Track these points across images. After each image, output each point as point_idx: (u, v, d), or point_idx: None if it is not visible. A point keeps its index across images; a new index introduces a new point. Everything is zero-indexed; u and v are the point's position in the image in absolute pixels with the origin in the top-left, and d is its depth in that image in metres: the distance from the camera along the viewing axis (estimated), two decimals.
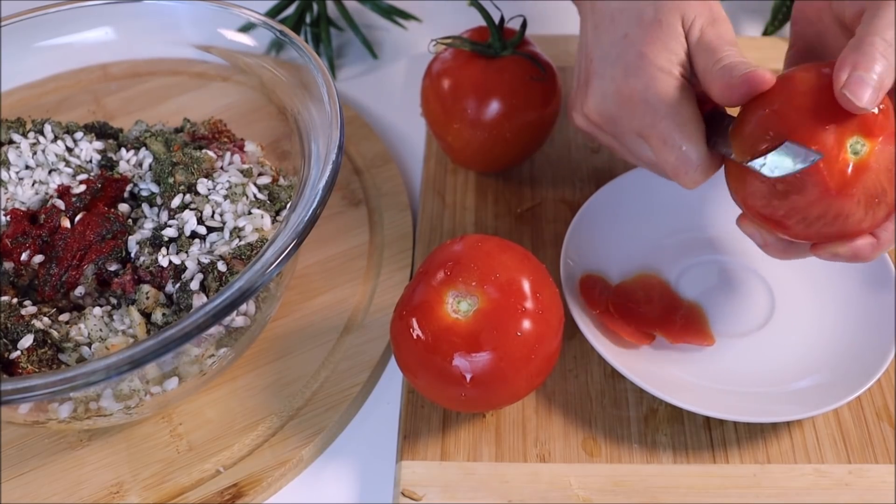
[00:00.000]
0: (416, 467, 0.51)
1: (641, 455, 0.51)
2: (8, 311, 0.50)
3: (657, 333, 0.54)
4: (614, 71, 0.51)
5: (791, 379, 0.53)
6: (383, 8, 0.79)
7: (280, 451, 0.52)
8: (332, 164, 0.49)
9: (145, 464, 0.52)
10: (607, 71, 0.52)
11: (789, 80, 0.46)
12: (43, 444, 0.53)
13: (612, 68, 0.52)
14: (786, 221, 0.46)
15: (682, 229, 0.61)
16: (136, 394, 0.49)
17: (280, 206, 0.55)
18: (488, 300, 0.47)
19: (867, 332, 0.54)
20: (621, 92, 0.51)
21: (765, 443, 0.52)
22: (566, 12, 0.81)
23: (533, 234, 0.63)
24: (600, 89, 0.52)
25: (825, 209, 0.45)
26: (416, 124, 0.71)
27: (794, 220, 0.46)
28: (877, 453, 0.51)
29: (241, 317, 0.51)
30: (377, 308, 0.59)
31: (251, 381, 0.56)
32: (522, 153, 0.64)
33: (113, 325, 0.50)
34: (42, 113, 0.62)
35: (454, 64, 0.61)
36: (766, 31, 0.78)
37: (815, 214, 0.45)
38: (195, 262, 0.51)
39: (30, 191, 0.56)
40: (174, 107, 0.66)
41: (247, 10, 0.58)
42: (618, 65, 0.51)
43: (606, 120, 0.53)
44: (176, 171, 0.55)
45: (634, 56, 0.50)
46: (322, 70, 0.54)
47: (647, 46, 0.50)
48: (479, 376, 0.47)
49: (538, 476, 0.51)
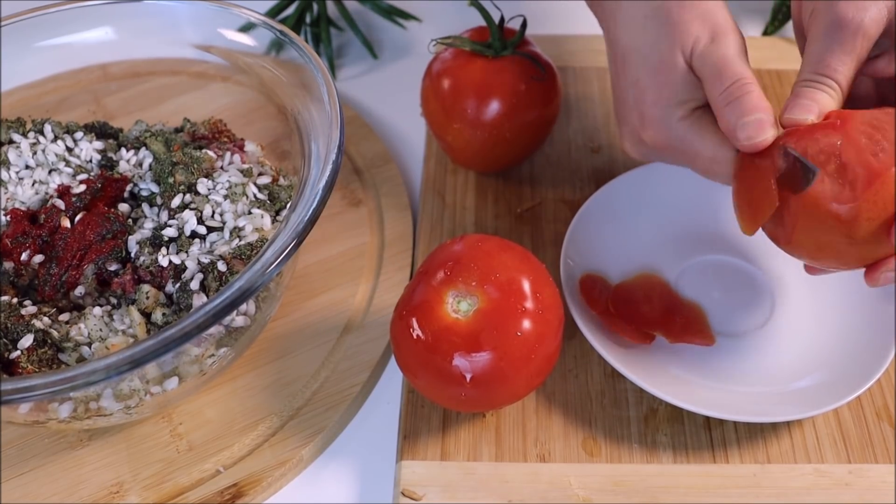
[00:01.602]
0: (416, 467, 0.51)
1: (641, 455, 0.51)
2: (8, 311, 0.50)
3: (657, 333, 0.54)
4: (632, 119, 0.52)
5: (791, 379, 0.53)
6: (383, 8, 0.79)
7: (280, 450, 0.52)
8: (332, 164, 0.49)
9: (145, 464, 0.52)
10: (629, 117, 0.53)
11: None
12: (43, 444, 0.53)
13: (630, 115, 0.53)
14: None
15: (682, 229, 0.60)
16: (136, 394, 0.49)
17: (280, 206, 0.55)
18: (488, 300, 0.47)
19: (867, 332, 0.54)
20: (646, 142, 0.52)
21: (765, 443, 0.52)
22: (566, 12, 0.81)
23: (533, 234, 0.63)
24: (629, 135, 0.54)
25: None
26: (416, 124, 0.71)
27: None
28: (877, 453, 0.51)
29: (241, 317, 0.51)
30: (377, 308, 0.59)
31: (251, 381, 0.56)
32: (522, 153, 0.64)
33: (113, 324, 0.50)
34: (42, 113, 0.62)
35: (454, 64, 0.61)
36: (766, 31, 0.78)
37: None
38: (195, 262, 0.51)
39: (30, 191, 0.56)
40: (174, 107, 0.66)
41: (247, 10, 0.58)
42: (633, 113, 0.52)
43: (649, 157, 0.54)
44: (176, 170, 0.55)
45: (647, 106, 0.51)
46: (322, 70, 0.54)
47: (656, 94, 0.51)
48: (479, 376, 0.47)
49: (538, 476, 0.51)
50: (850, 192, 0.45)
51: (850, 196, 0.45)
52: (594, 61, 0.75)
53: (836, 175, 0.45)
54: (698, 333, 0.55)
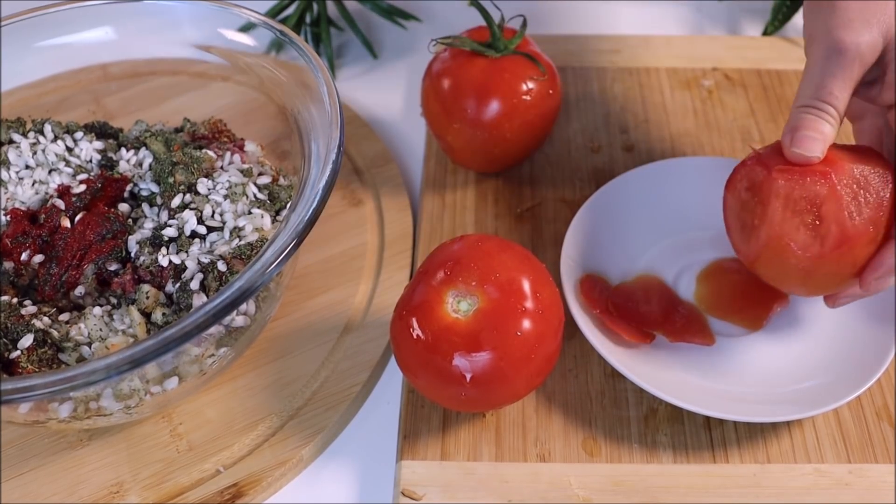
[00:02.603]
0: (416, 467, 0.51)
1: (641, 455, 0.51)
2: (8, 310, 0.50)
3: (657, 333, 0.54)
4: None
5: (791, 379, 0.53)
6: (383, 8, 0.79)
7: (280, 450, 0.52)
8: (332, 164, 0.49)
9: (145, 463, 0.52)
10: None
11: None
12: (43, 443, 0.53)
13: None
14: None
15: (682, 229, 0.60)
16: (136, 393, 0.49)
17: (280, 205, 0.55)
18: (488, 300, 0.47)
19: (867, 332, 0.54)
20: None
21: (765, 443, 0.52)
22: (566, 12, 0.81)
23: (533, 234, 0.63)
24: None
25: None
26: (416, 124, 0.71)
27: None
28: (877, 453, 0.51)
29: (241, 316, 0.51)
30: (377, 308, 0.59)
31: (251, 380, 0.56)
32: (522, 153, 0.64)
33: (113, 324, 0.50)
34: (42, 113, 0.62)
35: (454, 64, 0.61)
36: (766, 31, 0.78)
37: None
38: (195, 262, 0.51)
39: (30, 191, 0.56)
40: (174, 107, 0.65)
41: (247, 10, 0.58)
42: None
43: None
44: (176, 170, 0.55)
45: None
46: (322, 70, 0.54)
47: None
48: (479, 376, 0.47)
49: (538, 476, 0.51)
50: (818, 246, 0.47)
51: (817, 250, 0.48)
52: (594, 61, 0.75)
53: (810, 226, 0.47)
54: (698, 333, 0.55)
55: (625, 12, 0.82)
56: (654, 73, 0.74)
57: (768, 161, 0.49)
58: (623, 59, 0.75)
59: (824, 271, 0.48)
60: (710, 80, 0.73)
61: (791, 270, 0.49)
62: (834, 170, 0.48)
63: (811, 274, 0.48)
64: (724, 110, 0.71)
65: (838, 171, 0.48)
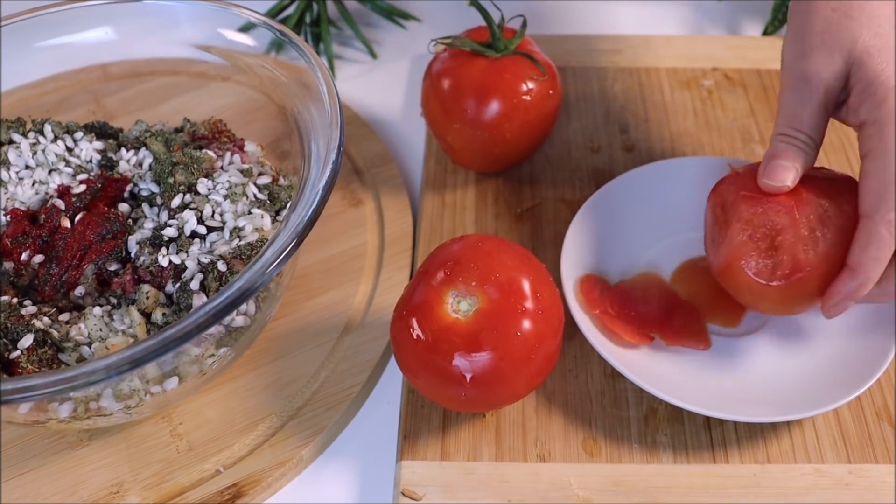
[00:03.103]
0: (416, 467, 0.51)
1: (641, 455, 0.51)
2: (8, 311, 0.50)
3: (655, 335, 0.54)
4: None
5: (791, 379, 0.53)
6: (383, 8, 0.79)
7: (280, 450, 0.52)
8: (332, 164, 0.49)
9: (145, 464, 0.52)
10: None
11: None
12: (43, 444, 0.53)
13: None
14: None
15: (682, 229, 0.60)
16: (136, 393, 0.49)
17: (280, 206, 0.55)
18: (488, 300, 0.47)
19: (867, 332, 0.54)
20: None
21: (765, 443, 0.52)
22: (566, 12, 0.81)
23: (533, 234, 0.63)
24: None
25: None
26: (416, 124, 0.71)
27: None
28: (877, 453, 0.51)
29: (241, 317, 0.51)
30: (377, 308, 0.59)
31: (251, 381, 0.56)
32: (522, 153, 0.64)
33: (113, 324, 0.50)
34: (42, 113, 0.62)
35: (454, 64, 0.61)
36: (766, 31, 0.78)
37: None
38: (195, 262, 0.51)
39: (30, 191, 0.56)
40: (174, 107, 0.66)
41: (247, 10, 0.58)
42: None
43: None
44: (176, 170, 0.55)
45: None
46: (322, 70, 0.54)
47: None
48: (479, 376, 0.47)
49: (538, 476, 0.51)
50: (770, 273, 0.49)
51: (768, 277, 0.49)
52: (594, 61, 0.75)
53: (765, 254, 0.49)
54: (694, 337, 0.55)
55: (625, 12, 0.82)
56: (654, 73, 0.74)
57: (740, 184, 0.51)
58: (623, 58, 0.75)
59: (777, 297, 0.49)
60: (710, 80, 0.73)
61: (745, 291, 0.50)
62: (797, 202, 0.49)
63: (763, 297, 0.50)
64: (724, 110, 0.71)
65: (801, 204, 0.49)
